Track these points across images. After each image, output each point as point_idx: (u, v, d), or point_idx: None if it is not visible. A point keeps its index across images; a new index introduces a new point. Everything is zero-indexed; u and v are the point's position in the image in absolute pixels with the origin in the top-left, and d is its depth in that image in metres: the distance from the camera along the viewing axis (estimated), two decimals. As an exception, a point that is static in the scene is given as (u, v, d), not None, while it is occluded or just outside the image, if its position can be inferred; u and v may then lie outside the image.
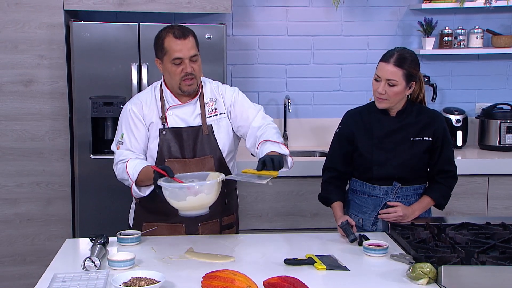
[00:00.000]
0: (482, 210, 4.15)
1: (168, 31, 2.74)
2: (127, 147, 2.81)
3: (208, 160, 2.81)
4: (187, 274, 2.33)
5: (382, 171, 2.89)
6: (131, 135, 2.81)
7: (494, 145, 4.50)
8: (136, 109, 2.82)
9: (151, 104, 2.82)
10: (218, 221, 2.89)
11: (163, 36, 2.74)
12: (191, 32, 2.76)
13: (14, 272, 4.01)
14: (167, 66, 2.75)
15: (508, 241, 2.55)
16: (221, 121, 2.85)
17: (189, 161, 2.79)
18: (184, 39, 2.71)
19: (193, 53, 2.73)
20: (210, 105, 2.85)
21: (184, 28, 2.76)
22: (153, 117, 2.81)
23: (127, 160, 2.75)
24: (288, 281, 2.11)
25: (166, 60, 2.74)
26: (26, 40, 3.86)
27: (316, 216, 4.06)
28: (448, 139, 2.96)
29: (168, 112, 2.81)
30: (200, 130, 2.81)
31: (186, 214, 2.55)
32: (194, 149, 2.80)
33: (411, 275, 2.25)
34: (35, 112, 3.92)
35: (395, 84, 2.81)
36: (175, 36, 2.70)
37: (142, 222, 2.88)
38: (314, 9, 4.58)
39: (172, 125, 2.80)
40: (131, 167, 2.72)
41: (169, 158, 2.78)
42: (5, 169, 3.94)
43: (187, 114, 2.82)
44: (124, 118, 2.85)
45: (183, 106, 2.82)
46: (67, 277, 2.24)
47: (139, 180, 2.71)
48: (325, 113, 4.66)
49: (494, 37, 4.58)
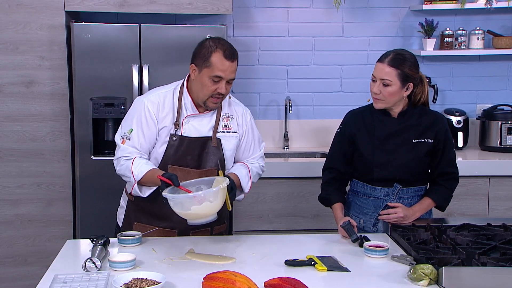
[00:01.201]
0: (483, 211, 4.15)
1: (220, 47, 2.67)
2: (134, 144, 2.74)
3: (211, 172, 2.76)
4: (188, 275, 2.33)
5: (383, 173, 2.89)
6: (141, 133, 2.74)
7: (495, 146, 4.49)
8: (152, 108, 2.75)
9: (168, 107, 2.76)
10: (209, 229, 2.85)
11: (212, 49, 2.67)
12: (237, 56, 2.72)
13: (14, 273, 4.01)
14: (203, 78, 2.68)
15: (509, 243, 2.55)
16: (232, 139, 2.84)
17: (192, 171, 2.75)
18: (232, 62, 2.67)
19: (233, 76, 2.71)
20: (225, 120, 2.83)
21: (234, 49, 2.71)
22: (167, 121, 2.76)
23: (133, 159, 2.71)
24: (289, 282, 2.11)
25: (205, 73, 2.67)
26: (27, 41, 3.87)
27: (316, 217, 4.06)
28: (450, 141, 2.95)
29: (185, 119, 2.76)
30: (209, 142, 2.78)
31: (194, 222, 2.55)
32: (200, 159, 2.77)
33: (412, 276, 2.25)
34: (36, 113, 3.92)
35: (389, 84, 2.80)
36: (225, 56, 2.65)
37: (133, 222, 2.84)
38: (314, 10, 4.58)
39: (185, 133, 2.76)
40: (136, 167, 2.68)
41: (172, 165, 2.75)
42: (6, 170, 3.95)
43: (203, 125, 2.79)
44: (137, 113, 2.76)
45: (200, 116, 2.79)
46: (67, 278, 2.24)
47: (142, 181, 2.69)
48: (326, 114, 4.66)
49: (495, 38, 4.58)
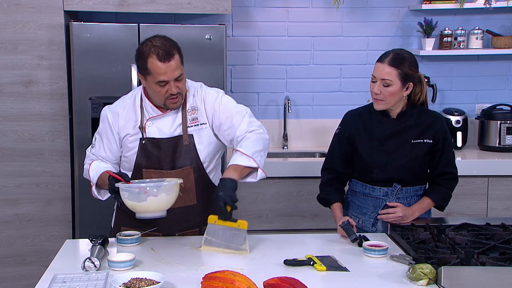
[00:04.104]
0: (482, 211, 4.15)
1: (152, 50, 2.55)
2: (95, 152, 2.81)
3: (187, 171, 2.71)
4: (187, 274, 2.33)
5: (383, 174, 2.89)
6: (101, 143, 2.79)
7: (494, 146, 4.49)
8: (112, 118, 2.75)
9: (129, 114, 2.73)
10: (197, 230, 2.80)
11: (145, 54, 2.56)
12: (175, 49, 2.59)
13: (14, 272, 4.01)
14: (150, 85, 2.61)
15: (508, 242, 2.55)
16: (202, 132, 2.73)
17: (167, 172, 2.70)
18: (169, 61, 2.54)
19: (178, 74, 2.58)
20: (192, 113, 2.72)
21: (168, 45, 2.57)
22: (129, 128, 2.72)
23: (91, 162, 2.77)
24: (288, 282, 2.11)
25: (149, 80, 2.60)
26: (26, 40, 3.86)
27: (316, 216, 4.06)
28: (449, 141, 2.95)
29: (147, 123, 2.71)
30: (180, 140, 2.70)
31: (144, 216, 2.52)
32: (173, 160, 2.71)
33: (411, 276, 2.25)
34: (35, 112, 3.92)
35: (390, 84, 2.80)
36: (159, 59, 2.53)
37: (121, 226, 2.83)
38: (314, 9, 4.58)
39: (150, 135, 2.70)
40: (93, 170, 2.73)
41: (147, 169, 2.71)
42: (5, 169, 3.94)
43: (167, 125, 2.71)
44: (101, 121, 2.80)
45: (163, 116, 2.71)
46: (67, 278, 2.24)
47: (98, 183, 2.70)
48: (325, 114, 4.66)
49: (494, 38, 4.58)
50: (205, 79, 2.98)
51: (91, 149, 2.84)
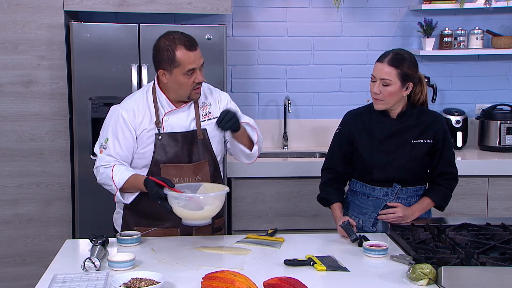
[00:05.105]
0: (482, 211, 4.15)
1: (178, 42, 2.66)
2: (110, 153, 2.77)
3: (203, 165, 2.80)
4: (187, 275, 2.33)
5: (383, 174, 2.89)
6: (116, 142, 2.76)
7: (494, 146, 4.50)
8: (127, 116, 2.76)
9: (144, 111, 2.77)
10: (211, 224, 2.82)
11: (172, 48, 2.65)
12: (196, 41, 2.72)
13: (14, 272, 4.01)
14: (177, 78, 2.68)
15: (508, 242, 2.55)
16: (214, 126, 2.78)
17: (186, 166, 2.77)
18: (196, 49, 2.67)
19: (203, 60, 2.71)
20: (204, 109, 2.83)
21: (190, 37, 2.70)
22: (145, 124, 2.76)
23: (112, 166, 2.73)
24: (288, 282, 2.11)
25: (177, 72, 2.67)
26: (26, 40, 3.86)
27: (316, 216, 4.06)
28: (449, 141, 2.95)
29: (164, 117, 2.77)
30: (195, 134, 2.79)
31: (192, 223, 2.56)
32: (190, 154, 2.78)
33: (411, 276, 2.25)
34: (35, 112, 3.92)
35: (389, 84, 2.80)
36: (187, 48, 2.65)
37: (132, 226, 2.83)
38: (314, 9, 4.58)
39: (168, 130, 2.77)
40: (117, 174, 2.70)
41: (165, 164, 2.75)
42: (5, 169, 3.94)
43: (182, 119, 2.79)
44: (112, 122, 2.78)
45: (178, 111, 2.79)
46: (67, 278, 2.24)
47: (124, 187, 2.70)
48: (325, 114, 4.66)
49: (494, 38, 4.59)
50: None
51: (103, 151, 2.78)
